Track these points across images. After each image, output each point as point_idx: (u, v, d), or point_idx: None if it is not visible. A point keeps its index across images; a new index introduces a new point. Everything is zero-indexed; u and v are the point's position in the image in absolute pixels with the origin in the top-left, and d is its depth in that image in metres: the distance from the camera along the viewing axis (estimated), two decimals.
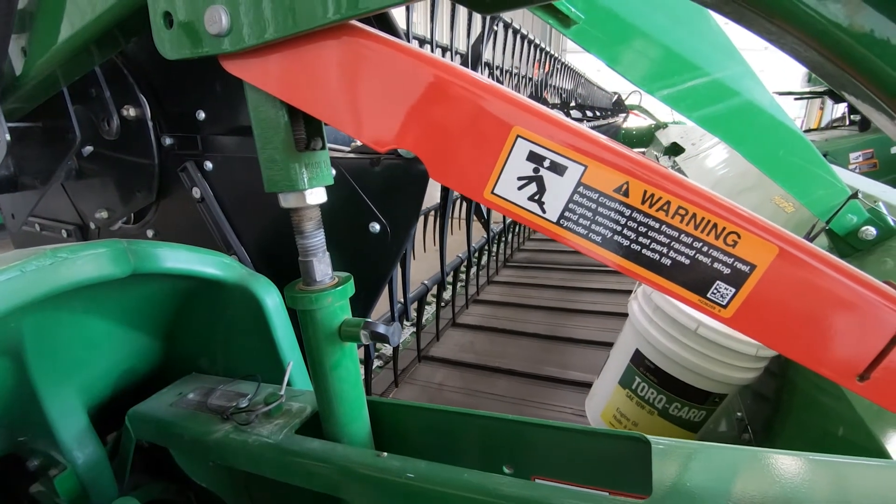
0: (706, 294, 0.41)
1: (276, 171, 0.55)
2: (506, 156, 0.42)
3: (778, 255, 0.38)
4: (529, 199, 0.43)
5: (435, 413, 0.75)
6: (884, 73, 0.33)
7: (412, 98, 0.44)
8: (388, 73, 0.44)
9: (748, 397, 1.68)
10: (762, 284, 0.39)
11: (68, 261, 0.62)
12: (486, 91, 0.42)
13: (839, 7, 0.32)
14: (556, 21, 0.73)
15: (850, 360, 0.40)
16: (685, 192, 0.39)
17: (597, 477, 0.65)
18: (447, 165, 0.45)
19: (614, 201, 0.40)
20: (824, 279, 0.38)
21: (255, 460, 0.71)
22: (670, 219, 0.39)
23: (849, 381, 0.40)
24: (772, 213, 2.23)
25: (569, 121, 0.42)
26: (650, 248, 0.41)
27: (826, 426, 1.21)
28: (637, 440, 0.60)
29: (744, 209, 0.39)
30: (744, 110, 1.01)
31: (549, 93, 5.55)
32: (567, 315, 2.91)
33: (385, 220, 0.97)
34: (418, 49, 0.45)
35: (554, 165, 0.41)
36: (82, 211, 1.35)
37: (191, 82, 1.08)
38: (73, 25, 0.72)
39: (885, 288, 0.40)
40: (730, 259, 0.39)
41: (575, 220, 0.42)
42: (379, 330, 0.60)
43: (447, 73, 0.43)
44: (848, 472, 0.53)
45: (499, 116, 0.42)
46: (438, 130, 0.44)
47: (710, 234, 0.39)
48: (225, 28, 0.49)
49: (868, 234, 1.41)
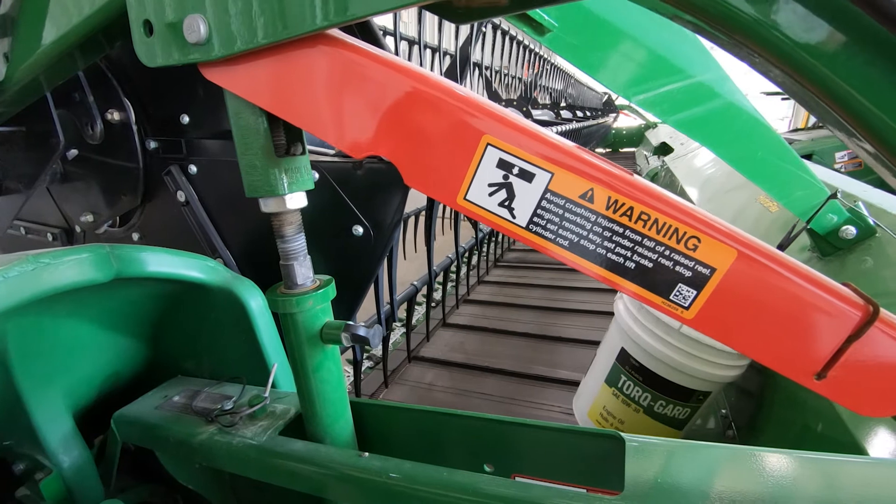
0: (669, 296, 0.42)
1: (257, 177, 0.56)
2: (477, 163, 0.43)
3: (737, 259, 0.40)
4: (500, 204, 0.44)
5: (417, 413, 0.76)
6: (839, 87, 0.35)
7: (386, 107, 0.45)
8: (363, 82, 0.46)
9: (732, 395, 1.70)
10: (722, 286, 0.40)
11: (51, 266, 0.63)
12: (458, 100, 0.43)
13: (787, 19, 0.33)
14: (530, 29, 0.75)
15: (808, 359, 0.41)
16: (647, 197, 0.40)
17: (574, 474, 0.67)
18: (421, 172, 0.46)
19: (580, 207, 0.42)
20: (782, 281, 0.40)
21: (240, 462, 0.71)
22: (633, 224, 0.41)
23: (807, 380, 0.42)
24: (758, 212, 2.26)
25: (537, 129, 0.43)
26: (615, 251, 0.42)
27: (806, 422, 1.23)
28: (612, 438, 0.61)
29: (705, 214, 0.41)
30: (721, 113, 1.03)
31: (540, 93, 5.58)
32: (556, 314, 2.93)
33: (368, 223, 0.98)
34: (393, 58, 0.46)
35: (522, 172, 0.42)
36: (67, 214, 1.35)
37: (175, 86, 1.08)
38: (56, 31, 0.72)
39: (840, 289, 0.41)
40: (691, 262, 0.41)
41: (543, 226, 0.43)
42: (359, 332, 0.61)
43: (420, 83, 0.44)
44: (814, 467, 0.54)
45: (470, 125, 0.43)
46: (412, 138, 0.45)
47: (671, 238, 0.40)
48: (203, 37, 0.50)
49: (848, 234, 1.44)
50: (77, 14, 0.67)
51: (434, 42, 2.85)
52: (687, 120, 1.01)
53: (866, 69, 0.34)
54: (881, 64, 0.33)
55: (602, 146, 10.24)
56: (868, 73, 0.34)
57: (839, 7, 0.32)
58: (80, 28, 0.68)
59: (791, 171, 1.24)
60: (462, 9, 0.48)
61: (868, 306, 0.40)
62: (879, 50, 0.33)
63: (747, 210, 2.34)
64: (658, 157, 5.80)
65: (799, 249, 1.62)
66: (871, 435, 0.99)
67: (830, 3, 0.32)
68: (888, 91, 0.34)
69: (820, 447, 1.13)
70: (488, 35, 3.19)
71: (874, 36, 0.32)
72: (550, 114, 5.05)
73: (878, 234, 1.42)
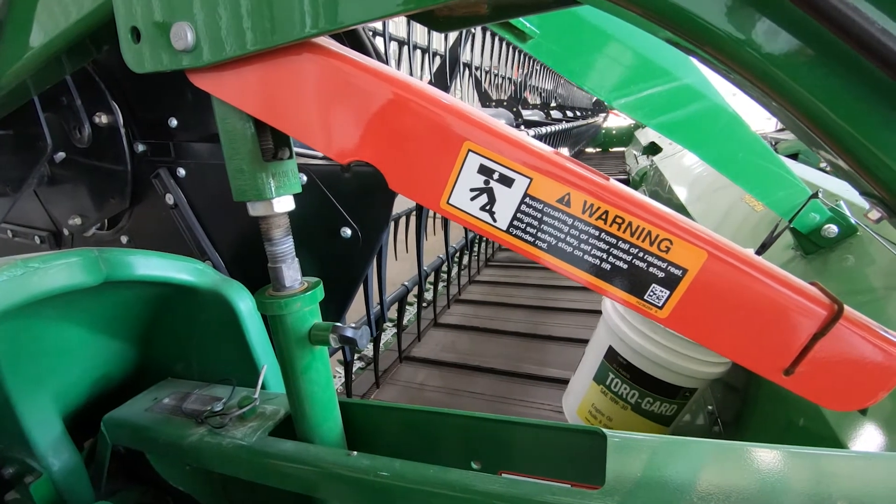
0: (643, 296, 0.44)
1: (244, 181, 0.57)
2: (458, 169, 0.45)
3: (707, 260, 0.41)
4: (481, 208, 0.45)
5: (405, 412, 0.77)
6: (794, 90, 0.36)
7: (370, 113, 0.46)
8: (348, 89, 0.47)
9: (718, 391, 1.73)
10: (694, 287, 0.42)
11: (40, 270, 0.63)
12: (440, 107, 0.45)
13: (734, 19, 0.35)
14: (512, 36, 0.76)
15: (776, 356, 0.43)
16: (622, 201, 0.42)
17: (559, 470, 0.68)
18: (405, 177, 0.47)
19: (557, 211, 0.43)
20: (751, 281, 0.41)
21: (230, 462, 0.72)
22: (608, 227, 0.42)
23: (776, 376, 0.43)
24: (744, 211, 2.30)
25: (517, 135, 0.44)
26: (591, 253, 0.44)
27: (789, 417, 1.26)
28: (594, 434, 0.63)
29: (677, 217, 0.42)
30: (702, 115, 1.05)
31: (530, 93, 5.61)
32: (547, 313, 2.95)
33: (356, 225, 0.99)
34: (377, 65, 0.48)
35: (503, 178, 0.44)
36: (55, 217, 1.34)
37: (163, 90, 1.08)
38: (44, 36, 0.72)
39: (808, 289, 0.43)
40: (664, 264, 0.42)
41: (523, 229, 0.45)
42: (347, 333, 0.62)
43: (403, 90, 0.46)
44: (786, 460, 0.56)
45: (452, 131, 0.44)
46: (396, 144, 0.46)
47: (644, 240, 0.42)
48: (190, 44, 0.51)
49: (830, 232, 1.47)
50: (65, 19, 0.68)
51: (424, 43, 2.86)
52: (668, 123, 1.03)
53: (828, 79, 0.35)
54: (842, 73, 0.35)
55: (592, 146, 10.30)
56: (830, 83, 0.35)
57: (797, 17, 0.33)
58: (67, 34, 0.69)
59: (772, 171, 1.26)
60: (444, 18, 0.49)
61: (833, 305, 0.42)
62: (839, 59, 0.34)
63: (734, 209, 2.37)
64: (647, 157, 5.85)
65: (783, 248, 1.65)
66: (849, 428, 1.01)
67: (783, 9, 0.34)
68: (850, 101, 0.35)
69: (802, 441, 1.16)
70: (478, 36, 3.20)
71: (835, 46, 0.34)
72: (540, 114, 5.08)
73: (860, 232, 1.45)
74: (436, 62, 2.99)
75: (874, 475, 0.52)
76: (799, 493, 0.50)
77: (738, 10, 0.35)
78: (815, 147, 0.39)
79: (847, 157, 0.36)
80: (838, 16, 0.32)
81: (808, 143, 0.40)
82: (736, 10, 0.35)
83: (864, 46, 0.32)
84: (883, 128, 0.35)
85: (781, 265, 1.49)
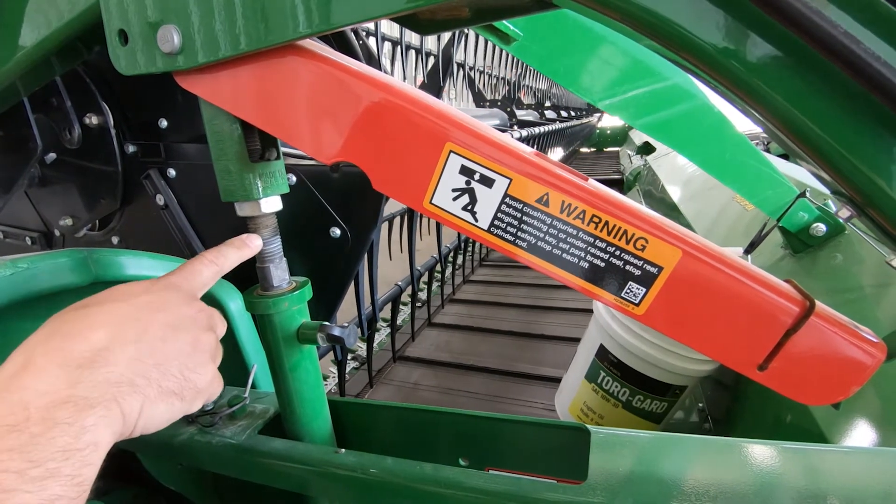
0: (620, 293, 0.44)
1: (231, 182, 0.57)
2: (440, 169, 0.46)
3: (682, 258, 0.42)
4: (463, 208, 0.46)
5: (394, 410, 0.78)
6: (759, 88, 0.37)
7: (353, 115, 0.47)
8: (331, 91, 0.47)
9: (709, 388, 1.75)
10: (669, 284, 0.43)
11: (28, 271, 0.64)
12: (422, 108, 0.46)
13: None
14: (496, 38, 0.77)
15: (751, 352, 0.44)
16: (599, 201, 0.43)
17: (545, 465, 0.69)
18: (388, 178, 0.48)
19: (537, 211, 0.44)
20: (725, 279, 0.42)
21: (220, 461, 0.73)
22: (586, 226, 0.43)
23: (750, 371, 0.45)
24: (736, 210, 2.32)
25: (498, 136, 0.45)
26: (569, 252, 0.45)
27: (777, 413, 1.27)
28: (579, 430, 0.64)
29: (653, 215, 0.43)
30: (687, 116, 1.06)
31: (524, 93, 5.62)
32: (540, 312, 2.96)
33: (345, 224, 1.00)
34: (361, 67, 0.48)
35: (483, 178, 0.45)
36: (46, 218, 1.34)
37: (153, 91, 1.09)
38: (32, 38, 0.73)
39: (781, 286, 0.44)
40: (640, 262, 0.43)
41: (503, 228, 0.46)
42: (334, 332, 0.63)
43: (386, 92, 0.46)
44: (768, 455, 0.57)
45: (433, 133, 0.45)
46: (379, 145, 0.47)
47: (621, 239, 0.43)
48: (177, 47, 0.51)
49: (818, 231, 1.49)
50: (51, 23, 0.68)
51: (417, 43, 2.87)
52: (654, 123, 1.04)
53: (794, 81, 0.36)
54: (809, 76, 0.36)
55: (587, 146, 10.34)
56: (796, 85, 0.36)
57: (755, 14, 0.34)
58: (56, 36, 0.69)
59: (760, 170, 1.28)
60: (426, 21, 0.50)
61: (805, 301, 0.43)
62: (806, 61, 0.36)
63: (727, 208, 2.39)
64: (641, 157, 5.88)
65: (773, 247, 1.67)
66: (833, 424, 1.03)
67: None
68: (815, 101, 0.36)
69: (790, 436, 1.17)
70: (471, 36, 3.21)
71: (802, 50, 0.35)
72: (535, 114, 5.09)
73: (847, 231, 1.47)
74: (429, 62, 3.00)
75: (861, 470, 0.53)
76: (783, 489, 0.51)
77: (709, 15, 0.36)
78: (785, 147, 0.40)
79: (816, 157, 0.37)
80: (804, 20, 0.33)
81: (781, 144, 0.41)
82: (706, 15, 0.36)
83: (831, 51, 0.33)
84: (849, 129, 0.36)
85: (771, 263, 1.51)
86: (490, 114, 3.64)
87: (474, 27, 0.62)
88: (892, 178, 0.35)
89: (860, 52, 0.33)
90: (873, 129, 0.35)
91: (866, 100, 0.34)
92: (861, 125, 0.36)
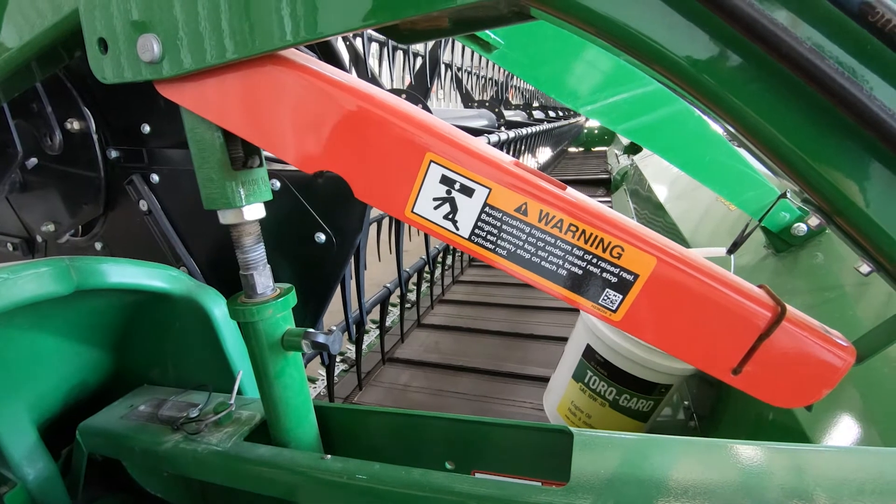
0: (598, 300, 0.45)
1: (214, 190, 0.57)
2: (421, 179, 0.46)
3: (657, 265, 0.43)
4: (444, 217, 0.47)
5: (381, 415, 0.78)
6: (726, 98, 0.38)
7: (334, 124, 0.47)
8: (311, 100, 0.48)
9: (694, 386, 1.77)
10: (645, 291, 0.44)
11: (9, 281, 0.63)
12: (403, 119, 0.46)
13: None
14: (477, 46, 0.78)
15: (724, 356, 0.45)
16: (576, 210, 0.44)
17: (530, 468, 0.70)
18: (370, 187, 0.48)
19: (515, 220, 0.45)
20: (699, 285, 0.44)
21: (205, 468, 0.73)
22: (563, 234, 0.44)
23: (724, 375, 0.46)
24: (721, 211, 2.35)
25: (478, 147, 0.46)
26: (548, 260, 0.45)
27: (760, 411, 1.29)
28: (562, 432, 0.65)
29: (629, 223, 0.44)
30: (668, 120, 1.07)
31: (513, 93, 5.63)
32: (528, 312, 2.98)
33: (330, 230, 1.00)
34: (342, 76, 0.49)
35: (463, 188, 0.45)
36: (28, 224, 1.33)
37: (135, 96, 1.08)
38: (12, 43, 0.72)
39: (754, 291, 0.45)
40: (616, 269, 0.44)
41: (483, 237, 0.46)
42: (319, 339, 0.63)
43: (366, 102, 0.47)
44: (742, 455, 0.58)
45: (414, 143, 0.46)
46: (360, 154, 0.48)
47: (597, 247, 0.44)
48: (157, 56, 0.51)
49: (800, 231, 1.52)
50: (32, 29, 0.67)
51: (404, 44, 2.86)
52: (635, 128, 1.06)
53: (762, 93, 0.37)
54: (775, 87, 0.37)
55: (575, 145, 10.39)
56: (764, 95, 0.37)
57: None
58: (36, 42, 0.68)
59: (741, 172, 1.30)
60: (407, 31, 0.50)
61: (777, 307, 0.44)
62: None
63: (712, 209, 2.42)
64: (628, 157, 5.92)
65: (756, 246, 1.70)
66: (813, 422, 1.05)
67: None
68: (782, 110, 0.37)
69: (773, 432, 1.20)
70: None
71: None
72: (523, 114, 5.11)
73: (828, 231, 1.50)
74: (417, 63, 3.00)
75: (836, 467, 0.55)
76: (760, 488, 0.52)
77: (681, 29, 0.37)
78: (754, 156, 0.41)
79: (785, 167, 0.39)
80: (771, 37, 0.34)
81: (751, 154, 0.42)
82: (679, 29, 0.37)
83: (797, 66, 0.34)
84: (816, 142, 0.37)
85: (755, 263, 1.53)
86: (478, 114, 3.65)
87: (455, 37, 0.63)
88: (856, 188, 0.36)
89: (825, 67, 0.34)
90: (839, 142, 0.36)
91: (832, 113, 0.35)
92: (827, 137, 0.37)
